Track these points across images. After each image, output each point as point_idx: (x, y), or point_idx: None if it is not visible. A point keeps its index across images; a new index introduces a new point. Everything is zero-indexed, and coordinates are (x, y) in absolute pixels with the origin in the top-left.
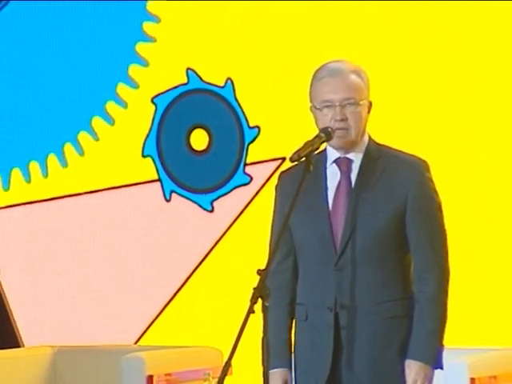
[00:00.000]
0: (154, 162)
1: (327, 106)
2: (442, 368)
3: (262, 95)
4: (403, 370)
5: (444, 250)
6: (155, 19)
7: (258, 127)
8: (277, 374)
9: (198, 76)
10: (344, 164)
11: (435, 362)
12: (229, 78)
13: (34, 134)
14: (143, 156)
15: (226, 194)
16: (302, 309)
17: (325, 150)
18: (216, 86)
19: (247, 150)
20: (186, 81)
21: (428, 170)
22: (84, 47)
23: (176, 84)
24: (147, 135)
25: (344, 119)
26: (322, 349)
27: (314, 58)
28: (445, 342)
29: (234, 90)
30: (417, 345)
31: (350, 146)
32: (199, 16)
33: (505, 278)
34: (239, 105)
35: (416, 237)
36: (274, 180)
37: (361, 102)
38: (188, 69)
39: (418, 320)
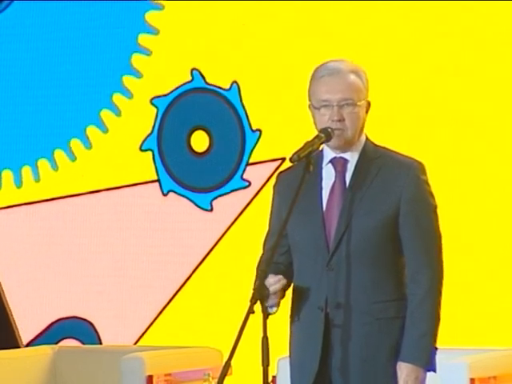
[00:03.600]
0: (154, 161)
1: (325, 106)
2: (434, 370)
3: (262, 95)
4: (394, 372)
5: (437, 252)
6: (158, 8)
7: (260, 130)
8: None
9: (203, 76)
10: (339, 164)
11: (427, 364)
12: (234, 81)
13: (41, 132)
14: (142, 150)
15: (225, 194)
16: (295, 309)
17: (321, 150)
18: (221, 88)
19: (250, 153)
20: (188, 77)
21: (424, 173)
22: (87, 42)
23: (179, 77)
24: (149, 133)
25: (341, 120)
26: (312, 348)
27: (315, 59)
28: (445, 342)
29: (239, 94)
30: (408, 346)
31: (347, 146)
32: (203, 13)
33: (504, 278)
34: (243, 106)
35: (409, 239)
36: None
37: (359, 103)
38: (193, 69)
39: (409, 322)
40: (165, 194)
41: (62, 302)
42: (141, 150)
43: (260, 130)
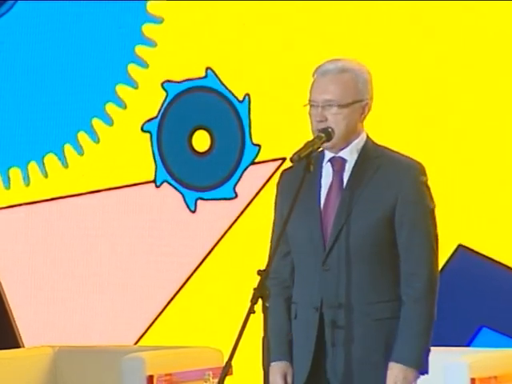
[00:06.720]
0: (155, 161)
1: (312, 106)
2: (426, 373)
3: (262, 95)
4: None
5: (432, 255)
6: (156, 20)
7: (259, 146)
8: (276, 366)
9: (217, 77)
10: (337, 163)
11: (418, 365)
12: (247, 94)
13: (34, 134)
14: (143, 130)
15: (225, 192)
16: (294, 307)
17: (323, 149)
18: (232, 94)
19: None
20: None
21: (424, 174)
22: (83, 48)
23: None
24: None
25: (323, 120)
26: (305, 348)
27: (316, 58)
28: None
29: (249, 106)
30: (400, 347)
31: (331, 147)
32: (199, 17)
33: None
34: (249, 119)
35: (404, 239)
36: (274, 180)
37: (344, 103)
38: (208, 68)
39: (402, 322)
40: (168, 200)
41: (62, 302)
42: (142, 130)
43: (259, 145)
